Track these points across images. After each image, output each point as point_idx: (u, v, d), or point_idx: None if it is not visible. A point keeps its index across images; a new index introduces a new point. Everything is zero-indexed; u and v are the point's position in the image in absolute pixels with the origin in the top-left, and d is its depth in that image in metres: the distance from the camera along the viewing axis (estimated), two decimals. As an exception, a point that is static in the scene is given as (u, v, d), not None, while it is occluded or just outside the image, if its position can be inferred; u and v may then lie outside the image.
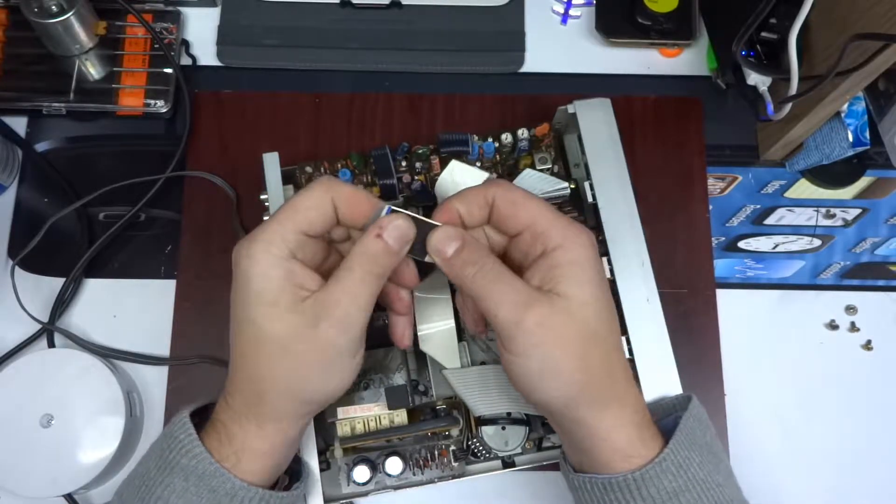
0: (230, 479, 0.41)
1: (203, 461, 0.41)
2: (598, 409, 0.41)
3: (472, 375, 0.50)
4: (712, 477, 0.41)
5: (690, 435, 0.42)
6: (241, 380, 0.42)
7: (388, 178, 0.54)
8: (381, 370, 0.52)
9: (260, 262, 0.40)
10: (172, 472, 0.41)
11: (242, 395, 0.42)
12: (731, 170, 0.63)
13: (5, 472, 0.53)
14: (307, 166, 0.56)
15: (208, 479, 0.40)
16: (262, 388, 0.41)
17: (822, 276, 0.62)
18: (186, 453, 0.41)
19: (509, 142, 0.55)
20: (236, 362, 0.42)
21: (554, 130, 0.56)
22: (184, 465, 0.41)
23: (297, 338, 0.40)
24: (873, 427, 0.58)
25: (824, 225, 0.63)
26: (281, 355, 0.40)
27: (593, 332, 0.40)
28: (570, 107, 0.55)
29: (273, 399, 0.41)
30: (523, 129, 0.55)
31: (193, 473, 0.40)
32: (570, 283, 0.40)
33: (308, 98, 0.63)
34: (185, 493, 0.40)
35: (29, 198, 0.62)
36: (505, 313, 0.39)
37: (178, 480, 0.41)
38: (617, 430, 0.41)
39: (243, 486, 0.41)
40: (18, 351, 0.58)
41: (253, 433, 0.41)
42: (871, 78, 0.52)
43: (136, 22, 0.63)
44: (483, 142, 0.55)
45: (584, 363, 0.40)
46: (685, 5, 0.64)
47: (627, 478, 0.40)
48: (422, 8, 0.65)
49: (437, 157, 0.56)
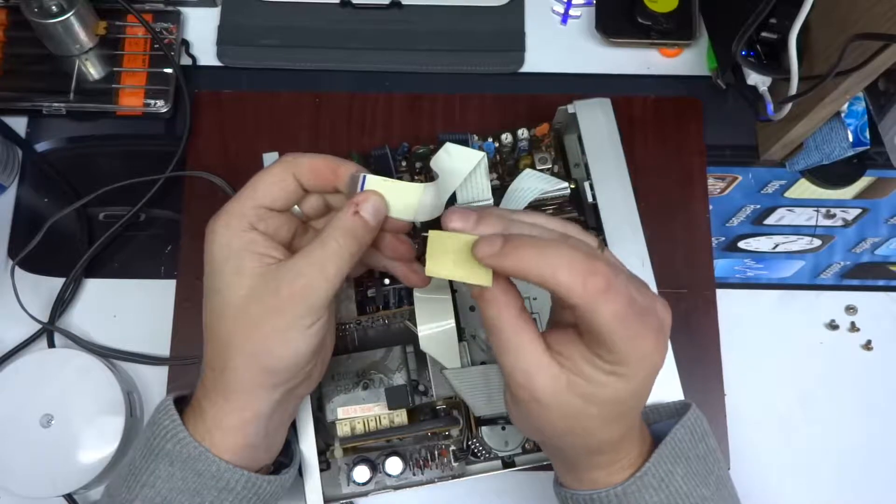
0: (215, 461, 0.41)
1: (188, 445, 0.41)
2: (609, 449, 0.40)
3: (473, 375, 0.50)
4: (697, 490, 0.41)
5: (677, 447, 0.42)
6: (210, 354, 0.42)
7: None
8: (381, 370, 0.52)
9: (222, 234, 0.42)
10: (157, 457, 0.41)
11: (211, 369, 0.42)
12: (731, 170, 0.63)
13: (5, 471, 0.53)
14: None
15: (193, 463, 0.41)
16: (226, 357, 0.41)
17: (822, 276, 0.62)
18: (171, 438, 0.41)
19: (509, 142, 0.55)
20: (206, 337, 0.42)
21: (554, 130, 0.56)
22: (168, 451, 0.41)
23: (256, 302, 0.40)
24: (873, 427, 0.58)
25: (824, 225, 0.63)
26: (242, 320, 0.40)
27: (587, 428, 0.39)
28: (570, 107, 0.55)
29: (236, 367, 0.41)
30: (523, 129, 0.55)
31: (178, 458, 0.41)
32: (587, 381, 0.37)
33: (308, 98, 0.63)
34: (171, 478, 0.41)
35: (29, 198, 0.62)
36: (517, 377, 0.37)
37: (164, 466, 0.41)
38: (620, 460, 0.41)
39: (229, 468, 0.41)
40: (18, 351, 0.58)
41: (221, 407, 0.42)
42: (871, 78, 0.52)
43: (136, 22, 0.63)
44: (483, 142, 0.55)
45: (567, 441, 0.40)
46: (685, 5, 0.64)
47: (609, 493, 0.40)
48: (422, 8, 0.65)
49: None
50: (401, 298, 0.54)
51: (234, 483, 0.41)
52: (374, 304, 0.54)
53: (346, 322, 0.54)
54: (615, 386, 0.37)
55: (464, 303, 0.53)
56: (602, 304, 0.35)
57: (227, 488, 0.41)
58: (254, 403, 0.42)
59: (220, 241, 0.42)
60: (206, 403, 0.42)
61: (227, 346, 0.41)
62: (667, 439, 0.42)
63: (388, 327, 0.54)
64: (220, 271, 0.41)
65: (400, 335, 0.54)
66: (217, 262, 0.41)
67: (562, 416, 0.38)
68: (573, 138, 0.57)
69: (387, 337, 0.54)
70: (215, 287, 0.41)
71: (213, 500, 0.41)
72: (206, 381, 0.42)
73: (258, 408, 0.42)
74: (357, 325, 0.54)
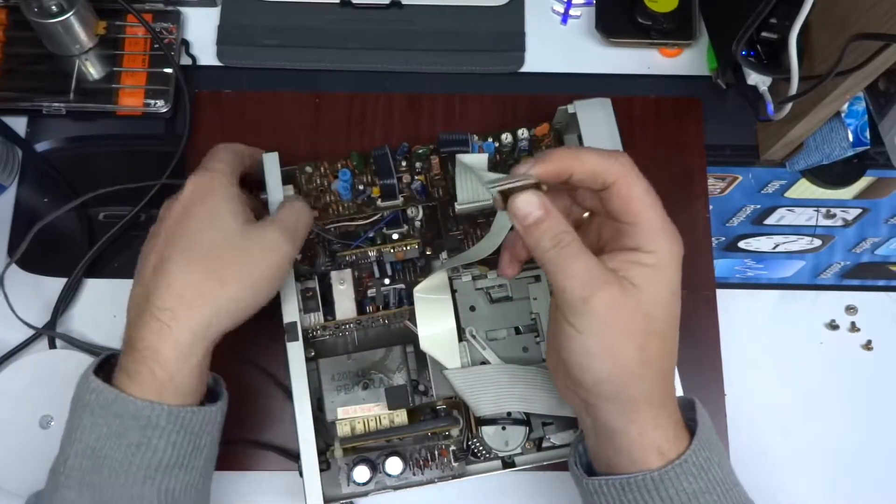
0: (132, 401, 0.42)
1: (103, 391, 0.42)
2: (644, 403, 0.40)
3: (474, 375, 0.50)
4: (730, 477, 0.41)
5: (708, 435, 0.42)
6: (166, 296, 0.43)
7: (388, 177, 0.55)
8: (381, 370, 0.52)
9: (225, 185, 0.47)
10: (80, 411, 0.43)
11: (157, 319, 0.43)
12: (731, 170, 0.63)
13: (4, 472, 0.53)
14: (307, 166, 0.56)
15: (110, 406, 0.42)
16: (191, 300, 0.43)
17: (822, 276, 0.62)
18: (88, 390, 0.43)
19: (509, 142, 0.55)
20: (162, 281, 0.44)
21: (554, 130, 0.56)
22: (87, 401, 0.42)
23: (246, 237, 0.46)
24: (873, 427, 0.58)
25: (824, 225, 0.63)
26: (230, 246, 0.45)
27: (658, 330, 0.40)
28: (570, 107, 0.55)
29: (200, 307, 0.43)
30: (523, 129, 0.55)
31: (97, 405, 0.42)
32: (647, 280, 0.40)
33: (308, 98, 0.63)
34: (94, 426, 0.42)
35: (29, 198, 0.62)
36: (575, 287, 0.39)
37: (86, 417, 0.42)
38: (657, 427, 0.41)
39: (146, 404, 0.42)
40: (18, 351, 0.57)
41: (168, 358, 0.43)
42: (871, 78, 0.52)
43: (136, 22, 0.63)
44: (483, 141, 0.55)
45: (642, 355, 0.40)
46: (685, 5, 0.64)
47: (646, 477, 0.40)
48: (422, 8, 0.65)
49: (437, 156, 0.56)
50: (401, 299, 0.54)
51: (155, 419, 0.42)
52: (374, 304, 0.54)
53: (346, 322, 0.54)
54: (657, 280, 0.40)
55: (464, 302, 0.53)
56: (635, 178, 0.41)
57: (150, 425, 0.42)
58: (201, 341, 0.44)
59: (223, 187, 0.47)
60: (151, 364, 0.43)
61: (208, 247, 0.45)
62: (701, 425, 0.42)
63: (388, 327, 0.54)
64: (221, 210, 0.46)
65: (400, 335, 0.54)
66: (220, 201, 0.46)
67: (611, 343, 0.39)
68: (573, 138, 0.57)
69: (387, 337, 0.54)
70: (211, 224, 0.45)
71: (138, 439, 0.42)
72: (146, 339, 0.43)
73: (205, 347, 0.44)
74: (357, 325, 0.54)
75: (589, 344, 0.39)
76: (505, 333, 0.53)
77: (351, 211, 0.56)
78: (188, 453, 0.43)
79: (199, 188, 0.47)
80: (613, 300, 0.39)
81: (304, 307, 0.53)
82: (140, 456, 0.42)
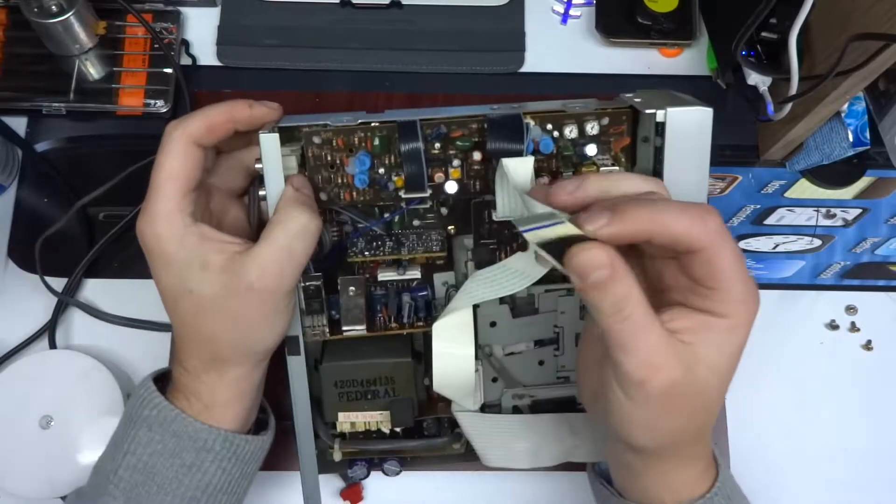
0: (192, 422, 0.42)
1: (164, 409, 0.42)
2: (677, 461, 0.40)
3: (486, 424, 0.48)
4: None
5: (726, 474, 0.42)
6: (192, 346, 0.43)
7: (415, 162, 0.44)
8: (386, 382, 0.49)
9: (170, 235, 0.40)
10: (137, 424, 0.42)
11: (198, 358, 0.43)
12: (731, 170, 0.63)
13: (4, 473, 0.53)
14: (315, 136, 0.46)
15: (170, 424, 0.42)
16: (215, 348, 0.42)
17: (822, 276, 0.62)
18: (148, 405, 0.42)
19: (574, 136, 0.44)
20: (182, 332, 0.43)
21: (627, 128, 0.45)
22: (146, 416, 0.42)
23: (233, 296, 0.40)
24: (873, 427, 0.58)
25: (824, 225, 0.63)
26: (222, 315, 0.41)
27: (708, 402, 0.38)
28: (660, 113, 0.41)
29: (228, 354, 0.42)
30: (593, 123, 0.44)
31: (156, 421, 0.42)
32: (715, 348, 0.36)
33: (308, 98, 0.63)
34: (150, 442, 0.42)
35: (29, 198, 0.61)
36: (632, 365, 0.34)
37: (143, 431, 0.42)
38: (684, 482, 0.40)
39: (205, 427, 0.42)
40: (18, 352, 0.57)
41: (216, 385, 0.43)
42: (871, 78, 0.52)
43: (136, 22, 0.63)
44: (545, 136, 0.44)
45: (686, 425, 0.38)
46: (685, 5, 0.64)
47: None
48: (422, 8, 0.65)
49: (481, 153, 0.45)
50: (416, 309, 0.48)
51: (211, 442, 0.42)
52: (386, 311, 0.48)
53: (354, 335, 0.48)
54: (726, 347, 0.36)
55: (485, 317, 0.48)
56: (725, 243, 0.34)
57: (205, 448, 0.42)
58: (250, 374, 0.44)
59: (171, 242, 0.40)
60: (198, 387, 0.43)
61: (214, 339, 0.42)
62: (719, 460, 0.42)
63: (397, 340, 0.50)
64: (186, 272, 0.40)
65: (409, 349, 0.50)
66: (178, 263, 0.40)
67: (657, 420, 0.36)
68: (647, 146, 0.44)
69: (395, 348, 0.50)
70: (185, 288, 0.41)
71: (192, 460, 0.42)
72: (191, 368, 0.43)
73: (255, 376, 0.44)
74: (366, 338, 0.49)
75: (634, 415, 0.36)
76: (524, 347, 0.50)
77: (367, 196, 0.46)
78: (235, 479, 0.44)
79: (149, 249, 0.41)
80: (672, 387, 0.35)
81: (307, 307, 0.45)
82: (191, 477, 0.42)
